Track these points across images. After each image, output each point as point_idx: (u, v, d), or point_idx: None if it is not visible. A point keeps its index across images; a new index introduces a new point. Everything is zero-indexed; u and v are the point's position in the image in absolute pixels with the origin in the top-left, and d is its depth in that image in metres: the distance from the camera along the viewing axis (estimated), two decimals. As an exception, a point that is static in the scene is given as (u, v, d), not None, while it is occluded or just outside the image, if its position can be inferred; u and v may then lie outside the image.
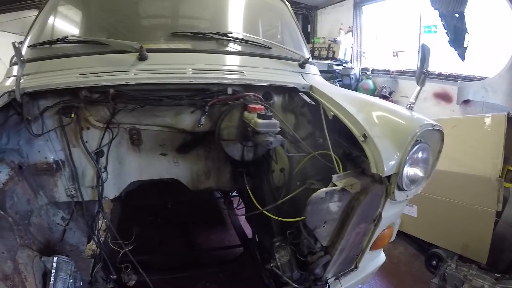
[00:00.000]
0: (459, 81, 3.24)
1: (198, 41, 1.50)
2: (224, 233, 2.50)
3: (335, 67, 4.91)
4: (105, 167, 1.31)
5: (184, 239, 2.34)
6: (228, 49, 1.56)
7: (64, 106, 1.20)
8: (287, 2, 2.10)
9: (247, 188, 1.32)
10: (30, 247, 1.09)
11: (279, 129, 1.08)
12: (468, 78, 3.25)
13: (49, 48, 1.46)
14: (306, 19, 6.08)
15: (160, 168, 1.41)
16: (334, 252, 1.06)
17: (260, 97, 1.28)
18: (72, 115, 1.21)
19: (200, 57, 1.43)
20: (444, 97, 3.55)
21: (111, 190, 1.39)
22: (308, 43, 5.50)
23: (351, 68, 4.85)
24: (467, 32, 2.76)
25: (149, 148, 1.36)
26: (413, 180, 1.12)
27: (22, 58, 1.16)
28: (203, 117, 1.20)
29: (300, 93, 1.34)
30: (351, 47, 5.04)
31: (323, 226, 1.02)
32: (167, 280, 1.76)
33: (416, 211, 2.50)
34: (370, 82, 4.52)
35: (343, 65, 5.01)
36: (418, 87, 1.35)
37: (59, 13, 1.73)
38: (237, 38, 1.55)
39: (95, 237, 1.38)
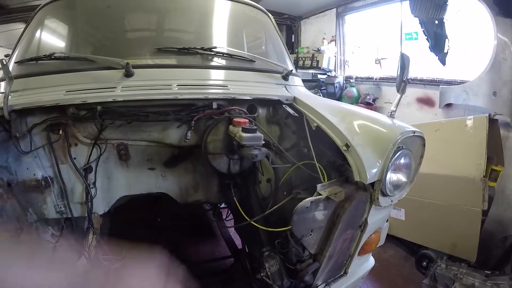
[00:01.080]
0: (440, 86, 3.34)
1: (183, 56, 1.53)
2: (214, 245, 2.51)
3: (319, 76, 4.99)
4: (94, 183, 1.32)
5: (175, 251, 2.33)
6: (213, 63, 1.59)
7: (52, 123, 1.22)
8: (270, 15, 2.15)
9: (235, 200, 1.34)
10: None
11: (263, 142, 1.11)
12: (449, 82, 3.36)
13: (36, 64, 1.46)
14: (290, 30, 6.19)
15: (149, 183, 1.42)
16: (322, 259, 1.09)
17: (245, 110, 1.32)
18: (60, 132, 1.22)
19: (185, 72, 1.45)
20: (426, 101, 3.65)
21: (101, 206, 1.39)
22: (292, 53, 5.60)
23: (335, 76, 4.95)
24: (447, 38, 2.87)
25: (137, 163, 1.37)
26: (397, 186, 1.16)
27: (10, 75, 1.17)
28: (189, 131, 1.22)
29: (283, 105, 1.38)
30: (335, 56, 5.15)
31: (310, 235, 1.05)
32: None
33: (403, 214, 2.56)
34: (354, 89, 4.61)
35: (327, 74, 5.10)
36: (399, 95, 1.40)
37: (46, 28, 1.74)
38: (221, 53, 1.58)
39: (85, 253, 1.37)
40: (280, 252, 1.16)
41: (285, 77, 1.67)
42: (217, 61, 1.60)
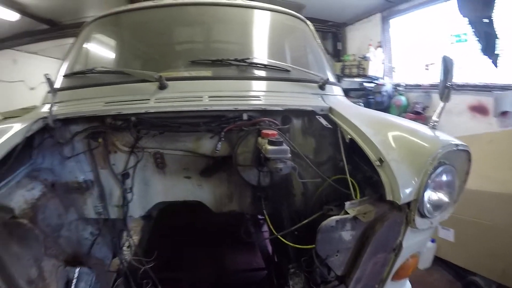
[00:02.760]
0: (494, 92, 3.01)
1: (217, 67, 1.55)
2: (251, 255, 2.45)
3: (366, 84, 4.81)
4: (131, 188, 1.39)
5: (211, 260, 2.35)
6: (246, 74, 1.58)
7: (92, 131, 1.31)
8: (308, 23, 2.10)
9: (264, 212, 1.31)
10: (56, 257, 1.17)
11: (289, 155, 1.07)
12: (504, 88, 3.01)
13: (80, 78, 1.59)
14: (336, 37, 6.07)
15: (185, 191, 1.45)
16: (349, 282, 1.01)
17: (275, 122, 1.29)
18: (100, 140, 1.31)
19: (218, 84, 1.47)
20: (479, 109, 3.31)
21: (137, 210, 1.46)
22: (339, 61, 5.47)
23: (383, 84, 4.72)
24: (498, 38, 2.59)
25: (174, 171, 1.42)
26: (437, 206, 1.04)
27: (54, 88, 1.30)
28: (220, 143, 1.24)
29: (317, 116, 1.33)
30: (382, 63, 4.92)
31: (336, 255, 0.98)
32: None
33: (453, 235, 2.32)
34: (402, 98, 4.35)
35: (374, 82, 4.89)
36: (442, 103, 1.26)
37: (90, 43, 1.90)
38: (255, 63, 1.57)
39: (118, 253, 1.44)
40: (305, 270, 1.10)
41: (322, 87, 1.59)
42: (251, 72, 1.59)
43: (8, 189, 1.13)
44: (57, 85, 1.58)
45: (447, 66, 1.23)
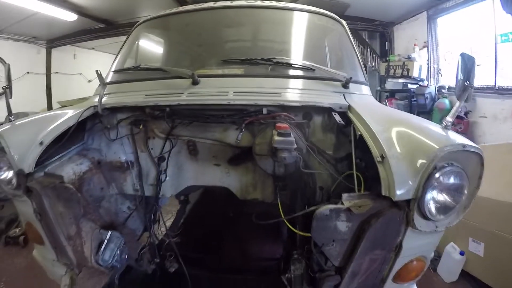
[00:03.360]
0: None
1: (245, 66, 1.68)
2: (276, 245, 2.48)
3: (410, 86, 4.60)
4: (165, 170, 1.58)
5: (236, 246, 2.49)
6: (272, 72, 1.67)
7: (134, 119, 1.52)
8: (343, 22, 2.14)
9: (278, 200, 1.40)
10: (94, 221, 1.40)
11: (294, 146, 1.15)
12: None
13: (126, 73, 1.84)
14: (384, 37, 5.87)
15: (214, 177, 1.59)
16: (345, 274, 1.06)
17: (291, 116, 1.37)
18: (141, 127, 1.52)
19: (245, 81, 1.60)
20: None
21: (169, 190, 1.65)
22: (386, 61, 5.31)
23: (426, 86, 4.48)
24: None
25: (204, 158, 1.57)
26: (442, 209, 1.04)
27: (103, 82, 1.55)
28: (241, 133, 1.37)
29: (333, 113, 1.37)
30: (427, 64, 4.67)
31: (332, 245, 1.04)
32: (207, 277, 1.89)
33: (482, 249, 2.19)
34: (446, 101, 4.09)
35: (418, 83, 4.65)
36: (458, 103, 1.17)
37: (139, 42, 2.14)
38: (280, 62, 1.66)
39: (149, 228, 1.65)
40: (306, 257, 1.18)
41: (345, 85, 1.64)
42: (276, 70, 1.67)
43: (61, 162, 1.40)
44: (108, 79, 1.83)
45: (466, 64, 1.16)
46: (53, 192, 1.23)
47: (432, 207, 1.01)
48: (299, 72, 1.69)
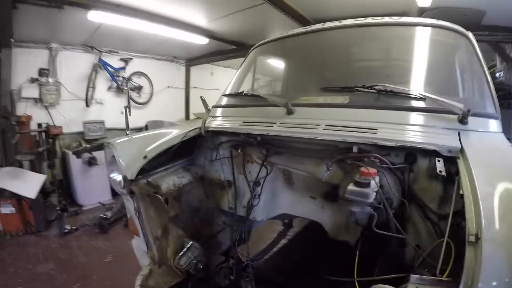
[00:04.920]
0: None
1: (344, 94, 1.53)
2: None
3: None
4: (259, 195, 1.64)
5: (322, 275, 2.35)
6: (374, 103, 1.47)
7: (233, 143, 1.65)
8: (469, 35, 1.69)
9: (357, 252, 1.23)
10: (183, 229, 1.60)
11: (369, 201, 0.99)
12: None
13: (232, 97, 2.01)
14: None
15: (308, 209, 1.54)
16: None
17: (383, 159, 1.18)
18: (239, 151, 1.64)
19: (342, 112, 1.46)
20: None
21: (260, 214, 1.70)
22: None
23: None
24: None
25: (300, 189, 1.54)
26: None
27: (207, 107, 1.74)
28: (327, 172, 1.28)
29: (437, 159, 1.12)
30: None
31: None
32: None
33: None
34: None
35: None
36: None
37: (253, 67, 2.31)
38: (384, 90, 1.43)
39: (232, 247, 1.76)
40: None
41: (463, 120, 1.29)
42: (380, 99, 1.46)
43: (166, 173, 1.66)
44: (220, 102, 2.05)
45: None
46: (147, 198, 1.49)
47: None
48: (406, 103, 1.41)
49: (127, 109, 2.07)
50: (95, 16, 3.86)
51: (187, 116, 6.76)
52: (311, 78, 1.99)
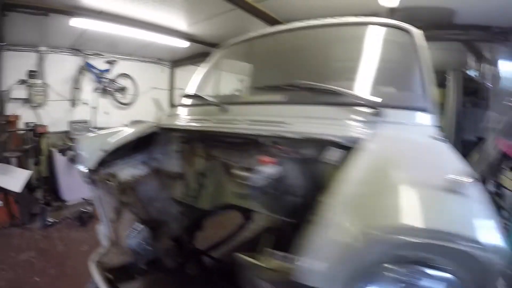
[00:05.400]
0: None
1: (281, 93, 1.63)
2: None
3: None
4: (205, 186, 1.84)
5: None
6: (297, 100, 1.58)
7: (182, 139, 1.89)
8: (414, 32, 1.73)
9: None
10: (137, 214, 1.82)
11: (261, 186, 1.20)
12: None
13: (186, 98, 2.23)
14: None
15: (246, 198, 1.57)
16: None
17: (285, 149, 1.33)
18: (187, 146, 1.87)
19: (269, 108, 1.62)
20: None
21: (206, 203, 1.84)
22: None
23: None
24: None
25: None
26: None
27: (160, 108, 1.99)
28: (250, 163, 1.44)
29: (330, 148, 1.23)
30: None
31: None
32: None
33: None
34: None
35: None
36: None
37: (213, 69, 2.50)
38: (306, 88, 1.51)
39: None
40: None
41: (379, 113, 1.32)
42: (304, 96, 1.54)
43: (125, 166, 1.88)
44: (179, 102, 2.27)
45: None
46: (105, 186, 1.73)
47: None
48: (329, 98, 1.47)
49: (94, 109, 2.31)
50: (78, 22, 4.11)
51: (171, 117, 7.05)
52: (261, 79, 2.24)
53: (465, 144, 5.97)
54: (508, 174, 3.43)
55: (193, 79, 2.42)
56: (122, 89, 6.05)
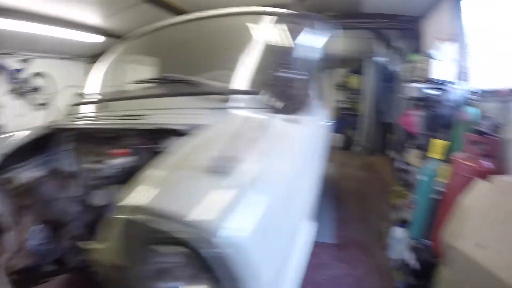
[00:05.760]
0: None
1: (160, 86, 1.79)
2: None
3: (429, 91, 3.49)
4: (98, 184, 1.84)
5: None
6: (166, 92, 1.73)
7: (73, 138, 1.95)
8: (264, 18, 1.89)
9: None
10: (38, 215, 1.82)
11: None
12: None
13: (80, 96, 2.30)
14: (414, 34, 4.81)
15: None
16: None
17: (137, 141, 1.45)
18: (77, 144, 1.93)
19: (144, 102, 1.73)
20: None
21: (102, 199, 1.82)
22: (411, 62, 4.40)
23: (447, 91, 3.40)
24: None
25: None
26: None
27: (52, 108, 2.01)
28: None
29: (175, 137, 1.28)
30: (454, 63, 3.59)
31: None
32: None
33: None
34: (471, 110, 3.00)
35: (439, 87, 3.50)
36: None
37: (111, 64, 2.56)
38: (170, 80, 1.71)
39: None
40: None
41: (225, 99, 1.44)
42: (170, 88, 1.70)
43: (22, 169, 1.88)
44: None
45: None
46: (1, 191, 1.74)
47: None
48: (188, 89, 1.62)
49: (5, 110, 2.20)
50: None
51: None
52: (154, 72, 2.37)
53: (385, 127, 6.44)
54: (412, 152, 3.65)
55: (90, 76, 2.44)
56: (36, 89, 5.76)
